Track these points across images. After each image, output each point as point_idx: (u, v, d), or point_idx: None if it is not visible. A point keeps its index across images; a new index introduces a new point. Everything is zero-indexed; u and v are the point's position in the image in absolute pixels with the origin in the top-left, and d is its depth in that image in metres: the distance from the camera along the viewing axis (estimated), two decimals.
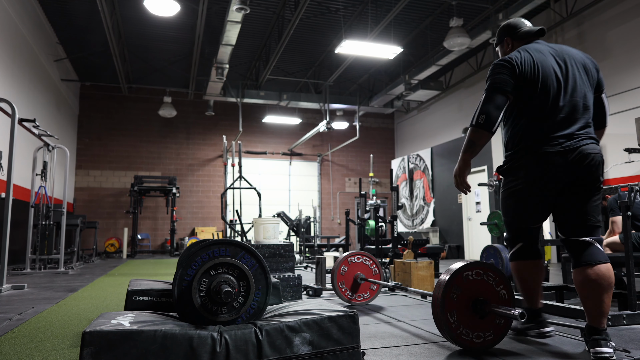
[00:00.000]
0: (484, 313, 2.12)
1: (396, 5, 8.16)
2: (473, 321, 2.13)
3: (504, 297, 2.20)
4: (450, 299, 2.11)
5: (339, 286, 3.49)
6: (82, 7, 9.09)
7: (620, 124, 8.23)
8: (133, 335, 1.48)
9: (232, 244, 1.77)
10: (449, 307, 2.10)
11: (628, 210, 2.82)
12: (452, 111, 12.98)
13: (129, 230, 11.79)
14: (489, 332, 2.14)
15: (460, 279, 2.14)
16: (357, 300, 3.53)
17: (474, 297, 2.15)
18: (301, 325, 1.67)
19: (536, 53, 2.22)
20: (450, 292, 2.12)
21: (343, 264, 3.54)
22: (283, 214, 9.58)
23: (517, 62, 2.17)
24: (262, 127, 14.61)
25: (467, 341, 2.11)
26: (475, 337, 2.12)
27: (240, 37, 8.96)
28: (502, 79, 2.15)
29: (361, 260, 3.57)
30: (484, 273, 2.19)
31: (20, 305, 3.58)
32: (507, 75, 2.15)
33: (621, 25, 8.32)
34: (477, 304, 2.13)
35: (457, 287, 2.13)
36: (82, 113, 13.09)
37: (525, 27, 2.42)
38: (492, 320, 2.16)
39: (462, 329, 2.11)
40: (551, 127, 2.12)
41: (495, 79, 2.17)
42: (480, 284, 2.17)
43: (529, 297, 2.39)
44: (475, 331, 2.12)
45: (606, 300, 2.00)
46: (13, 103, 4.82)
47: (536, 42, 2.35)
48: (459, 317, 2.11)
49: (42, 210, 6.81)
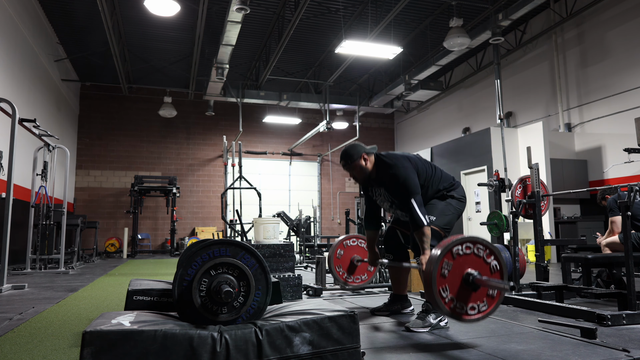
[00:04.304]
0: (476, 286, 2.13)
1: (396, 6, 8.16)
2: (466, 294, 2.14)
3: (496, 269, 2.22)
4: (442, 276, 2.12)
5: (336, 269, 3.50)
6: (82, 7, 9.09)
7: (620, 124, 8.23)
8: (133, 335, 1.48)
9: (232, 244, 1.78)
10: (440, 283, 2.11)
11: (627, 210, 2.82)
12: (452, 111, 12.98)
13: (129, 230, 11.79)
14: (483, 303, 2.16)
15: (450, 255, 2.16)
16: (355, 283, 3.54)
17: (465, 271, 2.16)
18: (301, 325, 1.67)
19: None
20: (440, 268, 2.12)
21: (339, 247, 3.56)
22: (283, 214, 9.58)
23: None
24: (262, 127, 14.62)
25: (462, 314, 2.12)
26: (469, 309, 2.13)
27: (240, 37, 8.96)
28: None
29: (356, 244, 3.59)
30: (473, 246, 2.20)
31: (21, 305, 3.59)
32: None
33: (621, 25, 8.32)
34: (468, 278, 2.15)
35: (448, 263, 2.14)
36: (82, 113, 13.10)
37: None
38: (485, 291, 2.17)
39: (456, 303, 2.12)
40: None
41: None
42: (471, 258, 2.19)
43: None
44: (469, 303, 2.14)
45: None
46: (13, 103, 4.82)
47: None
48: (452, 292, 2.12)
49: (42, 210, 6.81)
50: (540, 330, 2.58)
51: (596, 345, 2.24)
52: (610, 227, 4.51)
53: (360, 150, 2.94)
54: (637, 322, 2.72)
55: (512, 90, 10.65)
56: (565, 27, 9.44)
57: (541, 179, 4.19)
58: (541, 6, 9.01)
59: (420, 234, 2.65)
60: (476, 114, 11.97)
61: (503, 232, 5.01)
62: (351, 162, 2.94)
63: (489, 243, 2.24)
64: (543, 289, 3.58)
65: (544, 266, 4.03)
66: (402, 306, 3.18)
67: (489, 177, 8.22)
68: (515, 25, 10.19)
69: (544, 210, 4.27)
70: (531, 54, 10.29)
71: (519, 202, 4.11)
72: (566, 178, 8.71)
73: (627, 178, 7.92)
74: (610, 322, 2.66)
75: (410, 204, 2.69)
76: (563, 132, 9.24)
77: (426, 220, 2.67)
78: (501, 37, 8.52)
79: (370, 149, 2.97)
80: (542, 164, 8.24)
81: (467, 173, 9.65)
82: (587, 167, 8.95)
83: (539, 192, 4.02)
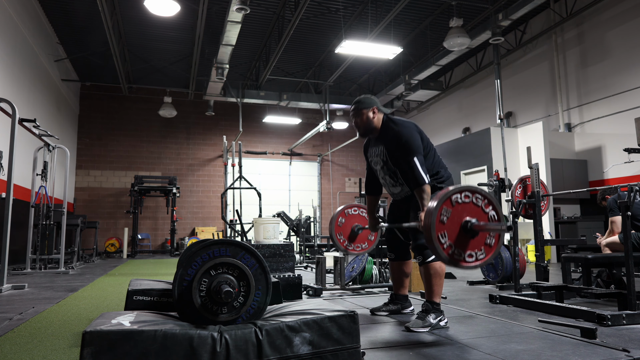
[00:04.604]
0: (474, 232, 2.15)
1: (396, 6, 8.16)
2: (464, 241, 2.16)
3: (494, 218, 2.24)
4: (440, 222, 2.14)
5: (337, 237, 3.52)
6: (82, 7, 9.09)
7: (620, 124, 8.23)
8: (133, 335, 1.48)
9: (232, 244, 1.78)
10: (439, 229, 2.13)
11: (628, 210, 2.82)
12: (452, 111, 12.98)
13: (129, 230, 11.79)
14: (481, 251, 2.18)
15: (449, 203, 2.17)
16: (355, 250, 3.54)
17: (464, 219, 2.17)
18: (301, 325, 1.67)
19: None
20: (440, 215, 2.14)
21: (340, 215, 3.57)
22: (283, 214, 9.58)
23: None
24: (262, 127, 14.62)
25: (460, 260, 2.14)
26: (467, 257, 2.16)
27: (240, 37, 8.96)
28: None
29: (358, 212, 3.60)
30: (472, 195, 2.22)
31: (21, 305, 3.59)
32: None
33: (621, 25, 8.32)
34: (467, 224, 2.16)
35: (447, 210, 2.16)
36: (82, 113, 13.10)
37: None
38: (483, 240, 2.19)
39: (454, 249, 2.14)
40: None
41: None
42: (469, 206, 2.20)
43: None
44: (467, 251, 2.16)
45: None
46: (13, 103, 4.82)
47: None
48: (450, 239, 2.14)
49: (42, 210, 6.81)
50: (540, 330, 2.58)
51: (596, 345, 2.24)
52: (610, 227, 4.51)
53: (373, 102, 2.99)
54: (637, 322, 2.72)
55: (512, 90, 10.65)
56: (565, 27, 9.44)
57: (541, 179, 4.19)
58: (541, 6, 9.01)
59: (421, 191, 2.67)
60: (476, 114, 11.97)
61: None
62: (360, 109, 2.98)
63: (487, 193, 2.26)
64: (543, 289, 3.58)
65: (544, 266, 4.03)
66: (402, 306, 3.19)
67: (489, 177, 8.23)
68: (515, 25, 10.19)
69: (544, 210, 4.27)
70: (531, 54, 10.29)
71: (519, 202, 4.11)
72: (566, 178, 8.71)
73: (627, 178, 7.92)
74: (610, 322, 2.66)
75: (412, 162, 2.71)
76: (563, 132, 9.24)
77: (427, 179, 2.69)
78: (501, 37, 8.52)
79: (383, 109, 3.02)
80: (542, 164, 8.24)
81: (467, 173, 9.65)
82: (587, 167, 8.95)
83: (539, 192, 4.02)
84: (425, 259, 2.79)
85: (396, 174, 2.95)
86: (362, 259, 4.50)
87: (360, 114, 2.98)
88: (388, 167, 2.96)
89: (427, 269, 2.79)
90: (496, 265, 4.61)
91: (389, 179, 3.02)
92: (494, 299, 3.59)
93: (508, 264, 4.43)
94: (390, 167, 2.95)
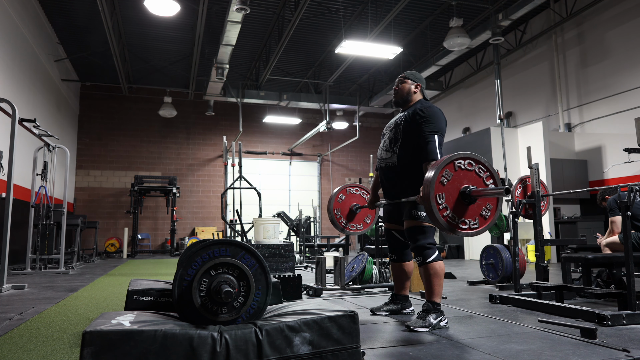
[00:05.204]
0: (472, 199, 2.15)
1: (396, 6, 8.16)
2: (460, 207, 2.17)
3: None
4: (440, 183, 2.14)
5: (334, 212, 3.51)
6: (82, 7, 9.10)
7: (620, 124, 8.23)
8: (133, 335, 1.48)
9: (232, 244, 1.78)
10: (438, 189, 2.13)
11: (627, 210, 2.82)
12: (452, 111, 12.98)
13: (129, 230, 11.79)
14: (475, 221, 2.19)
15: (452, 166, 2.18)
16: (350, 229, 3.54)
17: (463, 185, 2.18)
18: (301, 325, 1.67)
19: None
20: (440, 176, 2.14)
21: (341, 192, 3.57)
22: (283, 214, 9.58)
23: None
24: (262, 127, 14.62)
25: (453, 224, 2.14)
26: (460, 223, 2.16)
27: (240, 37, 8.96)
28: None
29: (359, 193, 3.59)
30: (475, 165, 2.23)
31: (21, 305, 3.59)
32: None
33: (621, 25, 8.32)
34: (465, 191, 2.16)
35: (448, 173, 2.16)
36: (82, 113, 13.10)
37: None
38: (479, 210, 2.20)
39: (449, 213, 2.15)
40: None
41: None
42: (471, 175, 2.21)
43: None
44: (461, 217, 2.16)
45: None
46: (13, 103, 4.82)
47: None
48: (447, 201, 2.15)
49: (42, 210, 6.81)
50: (540, 330, 2.58)
51: (596, 345, 2.24)
52: (610, 227, 4.51)
53: (421, 80, 3.07)
54: (637, 322, 2.71)
55: (512, 90, 10.65)
56: (565, 27, 9.44)
57: (541, 179, 4.19)
58: (541, 6, 9.01)
59: (430, 166, 2.68)
60: (476, 114, 11.97)
61: (503, 232, 5.01)
62: (407, 77, 3.06)
63: (490, 165, 2.26)
64: (543, 289, 3.58)
65: (544, 266, 4.03)
66: (403, 306, 3.19)
67: None
68: (515, 25, 10.20)
69: (544, 210, 4.27)
70: (531, 54, 10.29)
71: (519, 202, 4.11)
72: (566, 178, 8.71)
73: (627, 178, 7.92)
74: (610, 322, 2.66)
75: (431, 137, 2.73)
76: (563, 132, 9.24)
77: (439, 157, 2.69)
78: (501, 37, 8.52)
79: (425, 92, 3.08)
80: (542, 164, 8.24)
81: None
82: (587, 167, 8.95)
83: (539, 192, 4.02)
84: (425, 260, 2.79)
85: (396, 141, 2.95)
86: (362, 259, 4.50)
87: (405, 82, 3.05)
88: (394, 132, 2.98)
89: (427, 269, 2.80)
90: (496, 265, 4.61)
91: (387, 143, 3.03)
92: (494, 299, 3.59)
93: (508, 264, 4.43)
94: (396, 132, 2.95)
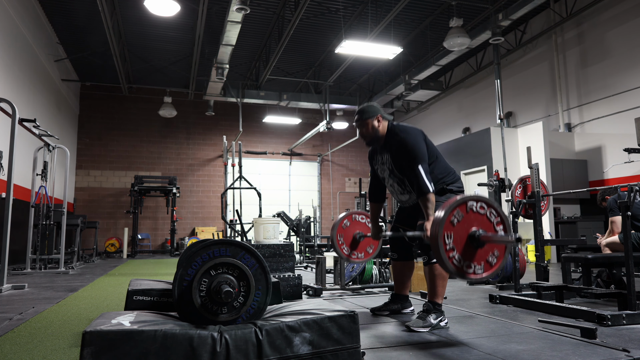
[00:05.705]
0: (480, 243, 2.13)
1: (396, 6, 8.16)
2: (467, 250, 2.13)
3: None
4: (450, 223, 2.11)
5: (337, 238, 3.43)
6: (82, 7, 9.09)
7: (620, 124, 8.23)
8: (133, 335, 1.48)
9: (232, 244, 1.78)
10: (447, 229, 2.10)
11: (627, 210, 2.82)
12: (452, 111, 12.97)
13: (129, 230, 11.79)
14: (480, 266, 2.15)
15: (464, 207, 2.15)
16: (351, 258, 3.48)
17: (473, 228, 2.15)
18: (301, 325, 1.67)
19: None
20: (452, 215, 2.12)
21: (347, 218, 3.49)
22: (283, 214, 9.58)
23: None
24: (262, 127, 14.62)
25: (457, 267, 2.11)
26: (465, 266, 2.12)
27: (240, 37, 8.96)
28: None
29: (365, 221, 3.52)
30: (487, 209, 2.20)
31: (21, 305, 3.59)
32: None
33: (621, 25, 8.32)
34: (474, 235, 2.14)
35: (460, 213, 2.14)
36: (82, 113, 13.10)
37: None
38: (485, 256, 2.16)
39: (455, 254, 2.12)
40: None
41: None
42: (482, 218, 2.18)
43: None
44: (466, 260, 2.13)
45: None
46: (13, 103, 4.82)
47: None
48: (455, 242, 2.11)
49: (42, 210, 6.81)
50: (540, 330, 2.58)
51: (596, 345, 2.24)
52: (610, 227, 4.51)
53: (377, 110, 2.96)
54: (637, 322, 2.72)
55: (512, 90, 10.65)
56: (565, 27, 9.44)
57: (541, 179, 4.19)
58: (541, 6, 9.01)
59: (425, 200, 2.65)
60: (476, 114, 11.97)
61: None
62: (364, 119, 2.94)
63: (502, 211, 2.24)
64: (543, 289, 3.58)
65: (544, 266, 4.03)
66: (403, 306, 3.19)
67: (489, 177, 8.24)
68: (515, 25, 10.19)
69: (544, 210, 4.27)
70: (531, 54, 10.29)
71: (519, 202, 4.11)
72: (566, 178, 8.71)
73: (627, 178, 7.92)
74: (610, 322, 2.66)
75: (417, 170, 2.69)
76: (563, 132, 9.24)
77: (431, 187, 2.67)
78: (501, 37, 8.51)
79: (387, 116, 2.99)
80: (542, 164, 8.24)
81: (467, 173, 9.65)
82: (587, 167, 8.95)
83: (539, 192, 4.02)
84: (431, 259, 2.79)
85: (404, 182, 2.92)
86: None
87: (365, 124, 2.94)
88: (395, 175, 2.94)
89: (432, 269, 2.79)
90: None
91: (397, 187, 3.00)
92: (494, 299, 3.59)
93: (508, 264, 4.43)
94: (397, 175, 2.93)
